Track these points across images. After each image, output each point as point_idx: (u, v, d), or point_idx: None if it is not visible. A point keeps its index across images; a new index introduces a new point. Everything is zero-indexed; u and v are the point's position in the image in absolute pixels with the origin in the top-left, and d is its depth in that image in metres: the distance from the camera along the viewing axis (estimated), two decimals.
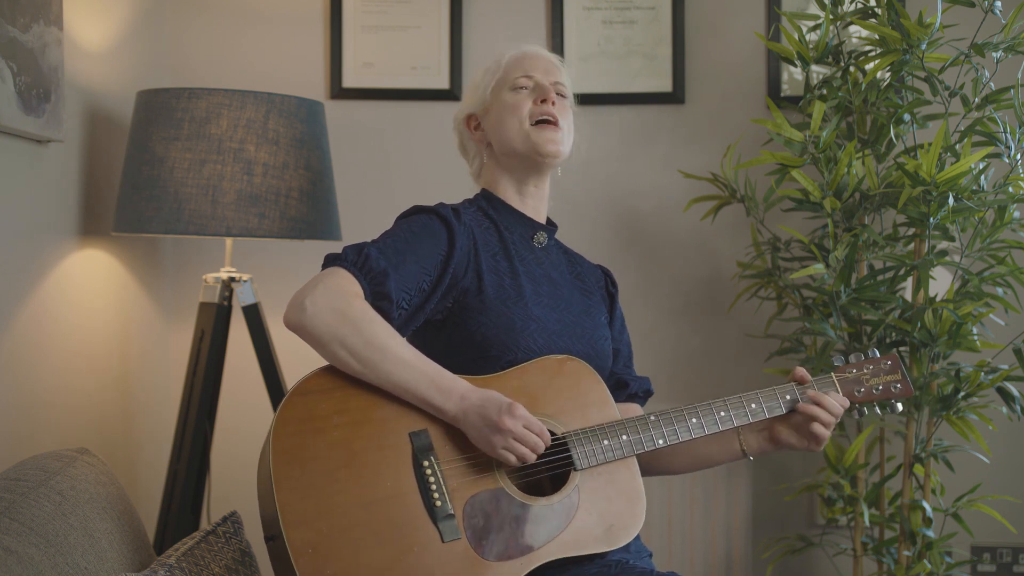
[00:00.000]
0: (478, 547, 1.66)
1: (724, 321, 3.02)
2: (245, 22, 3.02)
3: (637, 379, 2.03)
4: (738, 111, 3.00)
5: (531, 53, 1.99)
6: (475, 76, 2.03)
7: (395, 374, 1.69)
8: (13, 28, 2.10)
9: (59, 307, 2.40)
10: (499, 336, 1.81)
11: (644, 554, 1.88)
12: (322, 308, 1.69)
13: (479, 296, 1.84)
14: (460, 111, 2.03)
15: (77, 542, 1.59)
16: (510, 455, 1.68)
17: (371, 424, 1.69)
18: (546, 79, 1.95)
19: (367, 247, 1.79)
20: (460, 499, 1.68)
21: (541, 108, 1.92)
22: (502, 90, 1.95)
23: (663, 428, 1.81)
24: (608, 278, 2.09)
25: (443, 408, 1.70)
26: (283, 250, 2.98)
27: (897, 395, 1.94)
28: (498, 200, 1.97)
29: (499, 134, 1.94)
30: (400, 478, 1.67)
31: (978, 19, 2.53)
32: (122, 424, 2.71)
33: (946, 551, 2.73)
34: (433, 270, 1.81)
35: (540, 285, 1.91)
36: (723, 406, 1.85)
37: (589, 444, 1.76)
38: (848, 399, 1.90)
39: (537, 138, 1.91)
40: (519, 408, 1.68)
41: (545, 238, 1.98)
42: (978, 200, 2.44)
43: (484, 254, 1.88)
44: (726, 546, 2.86)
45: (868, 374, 1.94)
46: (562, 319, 1.89)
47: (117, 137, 2.66)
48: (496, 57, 2.00)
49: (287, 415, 1.66)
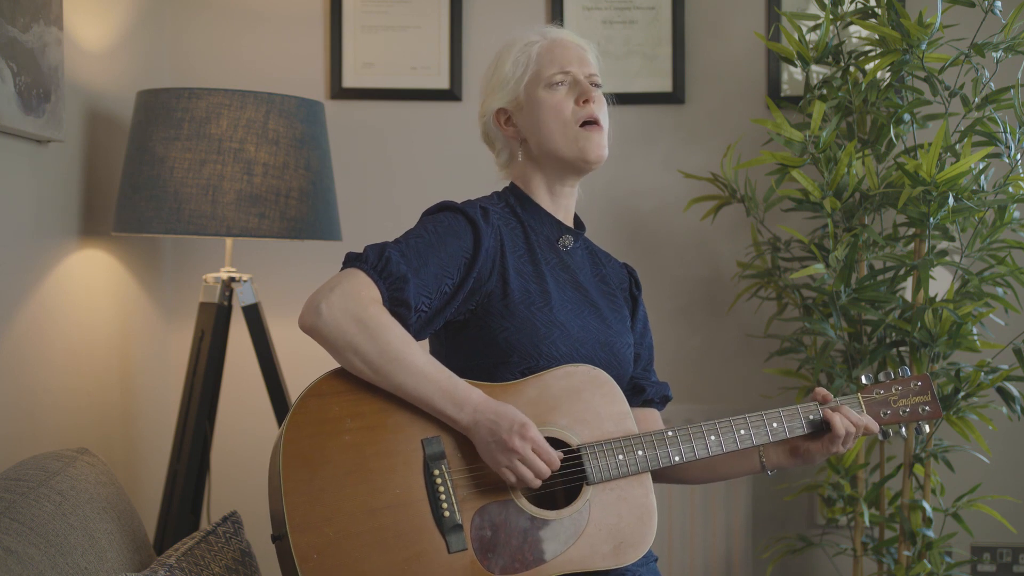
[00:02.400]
0: (484, 559, 1.65)
1: (724, 321, 3.02)
2: (245, 22, 3.02)
3: (655, 384, 1.99)
4: (738, 111, 3.01)
5: (561, 41, 1.92)
6: (500, 66, 1.93)
7: (408, 384, 1.66)
8: (13, 28, 2.10)
9: (59, 307, 2.40)
10: (522, 342, 1.77)
11: (650, 559, 1.85)
12: (337, 313, 1.66)
13: (504, 300, 1.79)
14: (489, 104, 1.94)
15: (77, 542, 1.59)
16: (511, 476, 1.65)
17: (383, 429, 1.67)
18: (581, 72, 1.89)
19: (389, 249, 1.73)
20: (469, 510, 1.66)
21: (585, 110, 1.87)
22: (537, 87, 1.88)
23: (680, 445, 1.77)
24: (632, 278, 2.04)
25: (455, 418, 1.67)
26: (283, 250, 2.98)
27: (926, 418, 1.87)
28: (528, 199, 1.91)
29: (540, 136, 1.88)
30: (410, 485, 1.65)
31: (978, 19, 2.53)
32: (122, 424, 2.71)
33: (946, 551, 2.73)
34: (456, 273, 1.76)
35: (565, 290, 1.87)
36: (744, 424, 1.81)
37: (604, 458, 1.73)
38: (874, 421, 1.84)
39: (585, 144, 1.86)
40: (531, 430, 1.65)
41: (571, 241, 1.93)
42: (978, 200, 2.44)
43: (511, 256, 1.83)
44: (726, 546, 2.86)
45: (896, 395, 1.87)
46: (586, 326, 1.85)
47: (117, 137, 2.66)
48: (523, 46, 1.92)
49: (300, 417, 1.64)
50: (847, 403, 1.85)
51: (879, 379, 1.89)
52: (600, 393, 1.78)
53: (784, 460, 1.87)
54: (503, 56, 1.94)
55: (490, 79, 1.95)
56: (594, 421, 1.76)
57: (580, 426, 1.75)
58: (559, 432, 1.73)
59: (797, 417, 1.83)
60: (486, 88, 1.96)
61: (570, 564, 1.68)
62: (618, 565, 1.72)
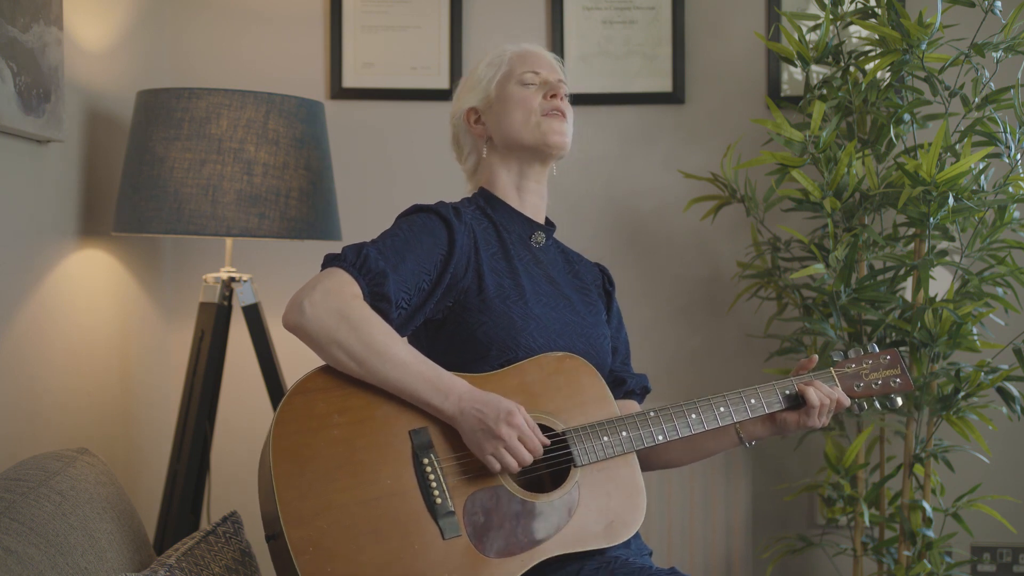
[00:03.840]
0: (479, 544, 1.67)
1: (724, 321, 3.02)
2: (245, 22, 3.02)
3: (635, 376, 2.04)
4: (738, 111, 3.01)
5: (534, 51, 2.00)
6: (474, 71, 2.02)
7: (393, 376, 1.69)
8: (13, 28, 2.10)
9: (59, 307, 2.40)
10: (499, 335, 1.82)
11: (644, 552, 1.88)
12: (320, 310, 1.70)
13: (480, 295, 1.84)
14: (460, 105, 2.02)
15: (77, 542, 1.59)
16: (495, 463, 1.68)
17: (371, 422, 1.69)
18: (552, 76, 1.97)
19: (366, 247, 1.79)
20: (460, 496, 1.69)
21: (551, 103, 1.93)
22: (508, 84, 1.96)
23: (663, 424, 1.82)
24: (605, 276, 2.10)
25: (441, 408, 1.70)
26: (283, 250, 2.98)
27: (896, 389, 1.95)
28: (496, 199, 1.97)
29: (505, 127, 1.94)
30: (400, 476, 1.67)
31: (978, 19, 2.53)
32: (122, 424, 2.72)
33: (946, 551, 2.73)
34: (433, 270, 1.81)
35: (539, 284, 1.92)
36: (722, 402, 1.86)
37: (589, 441, 1.77)
38: (847, 394, 1.92)
39: (546, 127, 1.92)
40: (517, 417, 1.69)
41: (543, 238, 1.99)
42: (978, 200, 2.44)
43: (484, 253, 1.88)
44: (726, 546, 2.86)
45: (867, 368, 1.95)
46: (562, 318, 1.90)
47: (117, 137, 2.66)
48: (498, 53, 2.01)
49: (287, 414, 1.67)
50: (820, 378, 1.93)
51: (849, 355, 1.97)
52: (581, 379, 1.83)
53: (760, 430, 1.93)
54: (479, 63, 2.03)
55: (463, 85, 2.04)
56: (577, 406, 1.81)
57: (564, 411, 1.79)
58: (543, 418, 1.77)
59: (774, 392, 1.90)
60: (459, 92, 2.04)
61: (564, 543, 1.71)
62: (611, 543, 1.75)
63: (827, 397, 1.88)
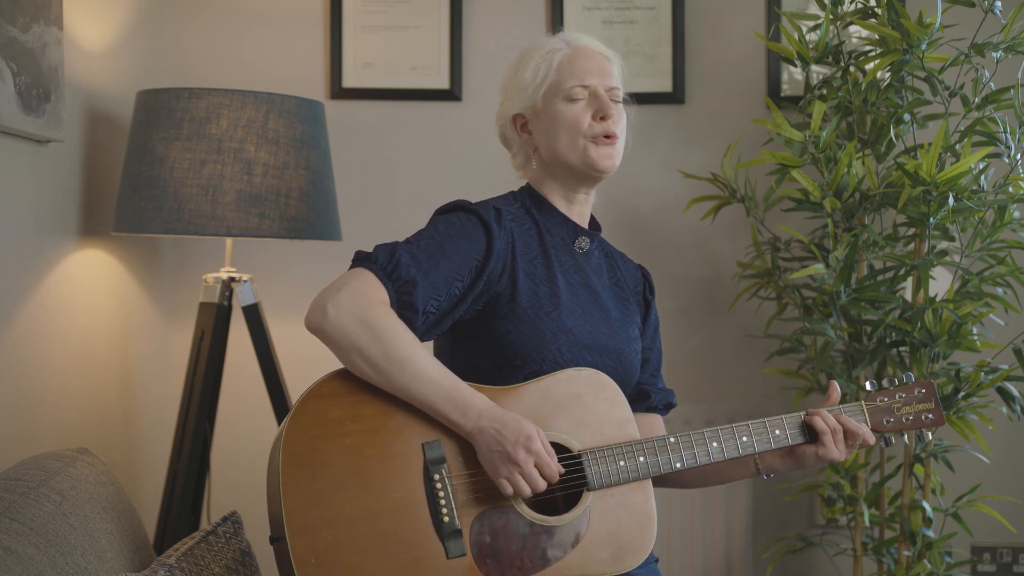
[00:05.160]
0: (482, 565, 1.64)
1: (724, 321, 3.02)
2: (245, 22, 3.02)
3: (661, 391, 1.98)
4: (738, 111, 3.01)
5: (583, 51, 1.88)
6: (521, 69, 1.90)
7: (412, 387, 1.65)
8: (13, 28, 2.10)
9: (59, 307, 2.40)
10: (526, 347, 1.76)
11: (651, 560, 1.84)
12: (344, 314, 1.64)
13: (511, 303, 1.78)
14: (506, 109, 1.91)
15: (77, 542, 1.59)
16: (508, 487, 1.64)
17: (384, 432, 1.66)
18: (601, 85, 1.85)
19: (399, 250, 1.72)
20: (469, 515, 1.66)
21: (601, 126, 1.83)
22: (555, 98, 1.85)
23: (682, 451, 1.76)
24: (647, 282, 2.03)
25: (459, 423, 1.66)
26: (283, 250, 2.98)
27: (928, 425, 1.87)
28: (544, 201, 1.89)
29: (552, 145, 1.86)
30: (409, 489, 1.64)
31: (978, 19, 2.53)
32: (122, 424, 2.71)
33: (946, 551, 2.73)
34: (467, 275, 1.75)
35: (577, 294, 1.85)
36: (746, 431, 1.80)
37: (605, 463, 1.72)
38: (876, 429, 1.85)
39: (595, 154, 1.83)
40: (536, 443, 1.64)
41: (587, 243, 1.91)
42: (978, 200, 2.44)
43: (521, 259, 1.81)
44: (726, 546, 2.86)
45: (900, 402, 1.86)
46: (594, 331, 1.83)
47: (117, 137, 2.66)
48: (546, 53, 1.88)
49: (300, 419, 1.63)
50: (850, 411, 1.85)
51: (883, 385, 1.89)
52: (603, 398, 1.77)
53: (779, 463, 1.87)
54: (524, 60, 1.91)
55: (510, 82, 1.92)
56: (596, 426, 1.75)
57: (582, 431, 1.74)
58: (560, 437, 1.73)
59: (799, 424, 1.82)
60: (505, 91, 1.93)
61: (569, 570, 1.68)
62: (616, 571, 1.71)
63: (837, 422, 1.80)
